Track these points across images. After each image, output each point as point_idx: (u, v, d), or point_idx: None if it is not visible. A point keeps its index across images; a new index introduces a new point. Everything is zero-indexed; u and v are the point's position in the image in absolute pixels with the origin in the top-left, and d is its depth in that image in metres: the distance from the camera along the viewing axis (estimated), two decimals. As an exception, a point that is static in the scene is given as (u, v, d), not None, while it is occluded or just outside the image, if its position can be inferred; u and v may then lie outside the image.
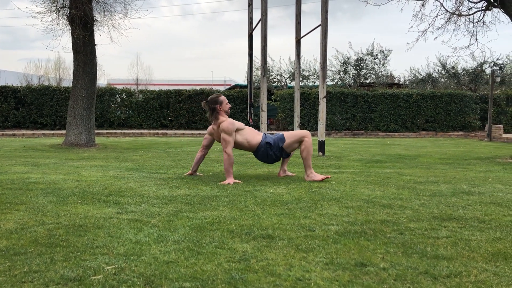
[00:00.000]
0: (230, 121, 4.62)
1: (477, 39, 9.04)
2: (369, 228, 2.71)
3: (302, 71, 21.13)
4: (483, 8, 8.71)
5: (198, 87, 19.21)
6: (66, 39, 30.54)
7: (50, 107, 17.25)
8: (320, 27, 7.28)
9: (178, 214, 3.04)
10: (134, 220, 2.86)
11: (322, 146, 7.87)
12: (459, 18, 9.06)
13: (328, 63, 17.10)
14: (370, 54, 20.15)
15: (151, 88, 24.23)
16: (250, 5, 9.78)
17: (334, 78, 21.01)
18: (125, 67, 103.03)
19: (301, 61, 9.23)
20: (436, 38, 16.20)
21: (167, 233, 2.57)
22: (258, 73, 19.52)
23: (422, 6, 9.11)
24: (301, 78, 17.85)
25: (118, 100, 18.41)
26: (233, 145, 4.58)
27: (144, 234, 2.53)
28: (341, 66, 20.55)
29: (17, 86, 17.68)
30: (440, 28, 9.22)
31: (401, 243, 2.41)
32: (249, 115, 10.59)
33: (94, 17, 9.95)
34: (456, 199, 3.65)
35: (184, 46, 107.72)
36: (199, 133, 16.61)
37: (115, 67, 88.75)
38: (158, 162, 6.49)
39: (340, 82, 20.97)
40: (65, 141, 9.91)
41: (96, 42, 10.03)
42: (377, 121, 17.72)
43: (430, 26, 9.30)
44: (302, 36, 8.73)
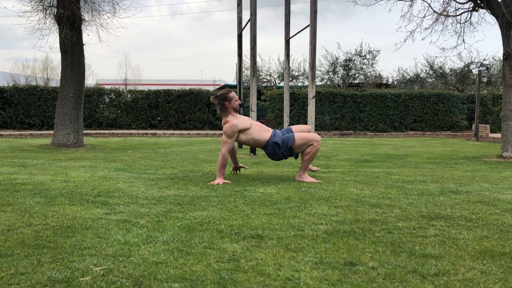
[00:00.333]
0: (233, 123, 4.53)
1: (464, 40, 9.12)
2: (358, 227, 2.73)
3: (292, 71, 21.18)
4: (470, 9, 8.80)
5: (187, 87, 19.14)
6: (54, 39, 30.24)
7: (37, 107, 17.07)
8: (309, 27, 7.30)
9: (167, 214, 3.03)
10: (122, 220, 2.85)
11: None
12: (447, 18, 9.14)
13: (317, 63, 17.15)
14: (359, 54, 20.27)
15: (140, 88, 24.08)
16: (239, 5, 9.77)
17: (323, 78, 21.09)
18: (113, 67, 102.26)
19: (290, 61, 9.25)
20: (424, 38, 16.27)
21: (156, 233, 2.56)
22: (247, 73, 19.54)
23: (410, 6, 9.18)
24: (290, 78, 17.90)
25: (107, 100, 18.28)
26: (230, 146, 4.55)
27: (133, 235, 2.52)
28: (330, 66, 20.63)
29: (3, 86, 17.46)
30: (427, 28, 9.30)
31: (389, 242, 2.43)
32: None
33: (82, 16, 9.87)
34: (443, 198, 3.68)
35: (173, 46, 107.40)
36: (188, 133, 16.56)
37: (104, 67, 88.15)
38: (147, 163, 6.46)
39: (329, 82, 21.05)
40: (53, 141, 9.82)
41: (84, 42, 9.95)
42: (365, 121, 17.81)
43: (418, 26, 9.36)
44: (291, 36, 8.75)
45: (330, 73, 20.76)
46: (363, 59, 20.37)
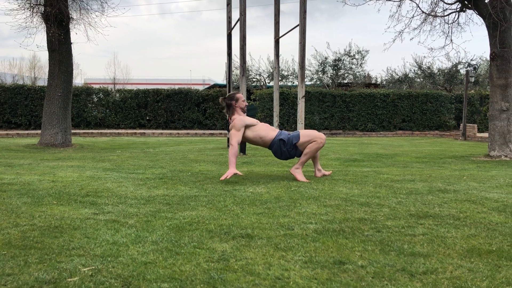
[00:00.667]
0: (240, 117, 4.77)
1: (452, 40, 9.21)
2: (347, 226, 2.74)
3: (281, 71, 21.20)
4: (458, 9, 8.89)
5: (177, 87, 19.08)
6: (41, 37, 29.96)
7: (24, 107, 16.89)
8: (298, 27, 7.31)
9: (156, 214, 3.01)
10: (111, 220, 2.82)
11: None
12: (435, 19, 9.21)
13: (306, 63, 17.20)
14: (348, 54, 20.36)
15: (129, 87, 23.95)
16: (229, 4, 9.75)
17: (312, 78, 21.16)
18: (102, 66, 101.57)
19: (280, 61, 9.26)
20: (412, 38, 16.50)
21: (145, 233, 2.54)
22: (237, 72, 19.50)
23: (399, 7, 9.24)
24: (280, 78, 17.93)
25: (95, 99, 18.14)
26: (239, 138, 4.63)
27: (121, 235, 2.50)
28: (319, 66, 20.70)
29: (-10, 85, 17.27)
30: (416, 28, 9.36)
31: (378, 241, 2.44)
32: (228, 115, 10.58)
33: (70, 15, 9.78)
34: (432, 197, 3.71)
35: (162, 45, 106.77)
36: (178, 132, 16.50)
37: (92, 66, 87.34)
38: (136, 162, 6.42)
39: (318, 82, 21.12)
40: (40, 141, 9.72)
41: (72, 41, 9.86)
42: (355, 120, 17.90)
43: (407, 26, 9.43)
44: (281, 35, 8.76)
45: (320, 72, 20.83)
46: (352, 59, 20.47)
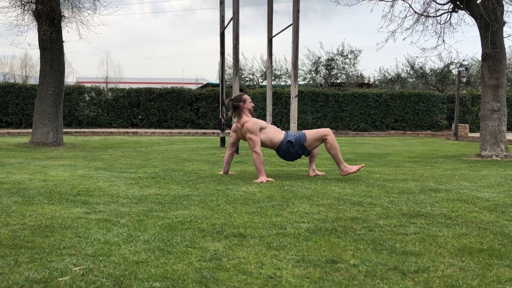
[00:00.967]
0: (253, 120, 4.72)
1: (444, 40, 9.27)
2: (339, 225, 2.74)
3: (274, 70, 21.21)
4: (450, 10, 8.94)
5: (169, 86, 19.03)
6: (33, 35, 29.70)
7: (15, 105, 16.76)
8: (291, 27, 7.32)
9: (148, 213, 3.00)
10: (103, 220, 2.81)
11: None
12: (427, 19, 9.26)
13: (299, 63, 17.21)
14: (341, 54, 20.42)
15: (121, 86, 23.80)
16: (222, 3, 9.74)
17: (305, 77, 21.19)
18: (94, 65, 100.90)
19: (273, 60, 9.26)
20: (405, 38, 16.58)
21: (137, 233, 2.53)
22: (230, 71, 19.44)
23: (391, 7, 9.28)
24: (273, 77, 17.90)
25: (87, 98, 18.04)
26: (259, 143, 4.61)
27: (113, 234, 2.48)
28: (312, 65, 20.73)
29: (-20, 84, 17.11)
30: (408, 29, 9.41)
31: (371, 240, 2.44)
32: (221, 114, 10.57)
33: (62, 13, 9.72)
34: (424, 196, 3.73)
35: (155, 44, 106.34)
36: (170, 132, 16.46)
37: (84, 65, 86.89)
38: (128, 161, 6.39)
39: (311, 82, 21.17)
40: (31, 140, 9.65)
41: (64, 39, 9.81)
42: (347, 120, 17.96)
43: (399, 26, 9.47)
44: (274, 35, 8.76)
45: (313, 72, 20.87)
46: (345, 59, 20.53)
